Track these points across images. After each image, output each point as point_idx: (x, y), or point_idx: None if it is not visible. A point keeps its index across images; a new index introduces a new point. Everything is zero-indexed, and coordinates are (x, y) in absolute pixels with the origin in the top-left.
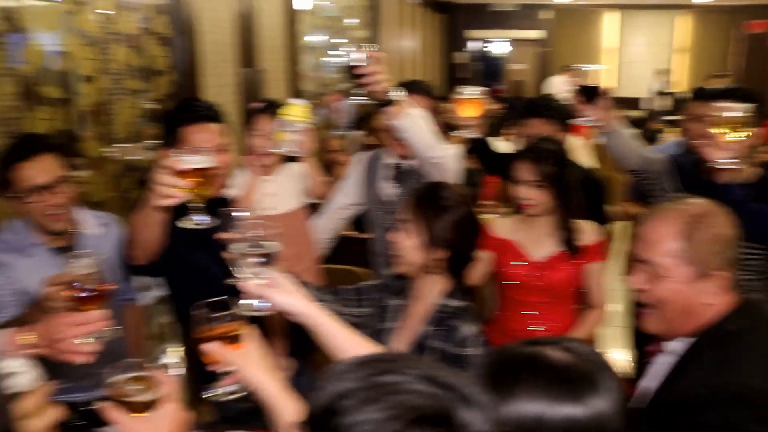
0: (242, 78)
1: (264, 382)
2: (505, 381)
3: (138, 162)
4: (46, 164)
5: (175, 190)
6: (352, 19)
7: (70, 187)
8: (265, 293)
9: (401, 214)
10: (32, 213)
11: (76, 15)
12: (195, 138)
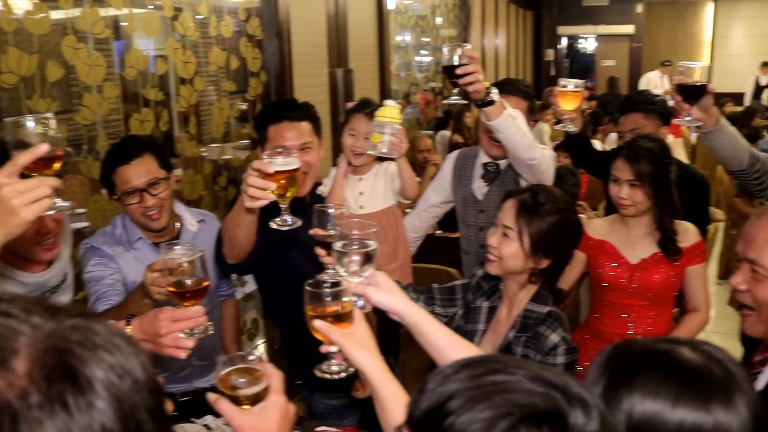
0: (333, 78)
1: (368, 362)
2: (626, 373)
3: (231, 161)
4: (144, 166)
5: (263, 192)
6: (441, 17)
7: (168, 188)
8: (365, 291)
9: (503, 219)
10: (133, 213)
11: (175, 20)
12: (282, 136)
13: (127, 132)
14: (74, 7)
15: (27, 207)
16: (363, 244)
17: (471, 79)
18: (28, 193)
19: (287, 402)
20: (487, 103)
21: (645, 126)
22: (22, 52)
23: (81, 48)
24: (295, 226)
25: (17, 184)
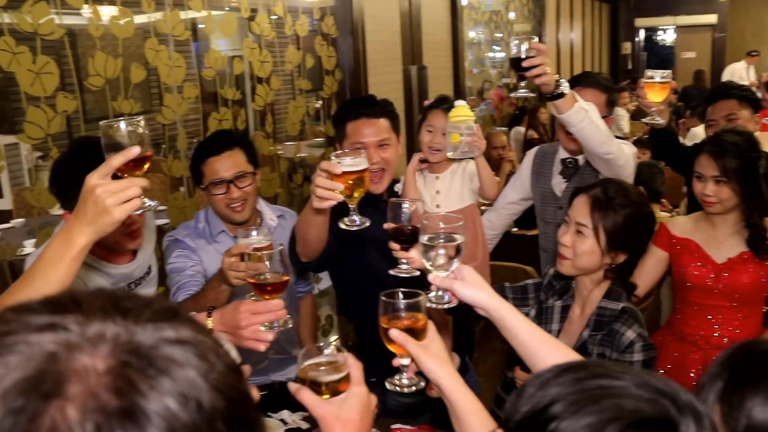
0: (406, 75)
1: (444, 375)
2: (752, 375)
3: (306, 159)
4: (234, 159)
5: (331, 192)
6: (514, 12)
7: (254, 183)
8: (451, 286)
9: (576, 217)
10: (218, 204)
11: (251, 21)
12: (360, 133)
13: (206, 131)
14: (156, 10)
15: (119, 207)
16: (449, 237)
17: (538, 71)
18: (120, 194)
19: (368, 393)
20: (557, 95)
21: (739, 112)
22: (108, 55)
23: (162, 50)
24: (364, 226)
25: (110, 184)
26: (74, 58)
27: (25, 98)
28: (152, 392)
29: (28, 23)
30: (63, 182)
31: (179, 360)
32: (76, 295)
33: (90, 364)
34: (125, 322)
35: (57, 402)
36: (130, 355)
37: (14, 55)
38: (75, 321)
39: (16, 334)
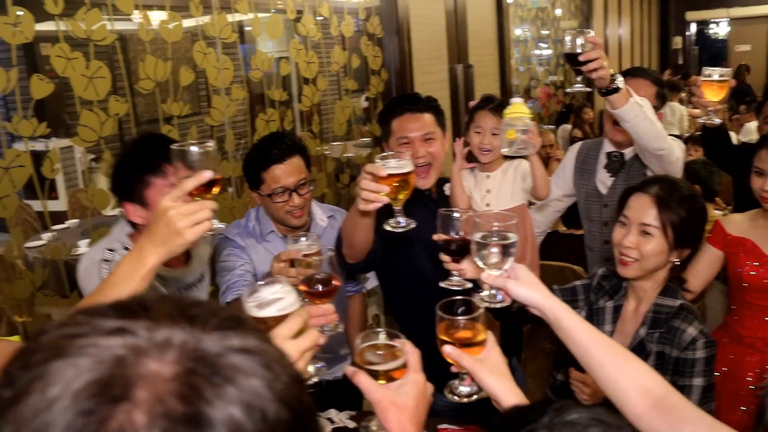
0: (453, 74)
1: (501, 390)
2: None
3: (353, 159)
4: (295, 166)
5: (376, 195)
6: (561, 9)
7: (311, 188)
8: (505, 285)
9: (639, 218)
10: (278, 210)
11: (297, 22)
12: (405, 128)
13: (254, 132)
14: (204, 14)
15: (190, 229)
16: (503, 236)
17: (595, 65)
18: (192, 216)
19: (425, 380)
20: (612, 90)
21: None
22: (157, 59)
23: (210, 53)
24: (409, 228)
25: (182, 207)
26: (125, 63)
27: (79, 102)
28: (217, 400)
29: (82, 30)
30: (122, 177)
31: (245, 369)
32: (144, 301)
33: (157, 370)
34: (192, 329)
35: (125, 406)
36: (196, 362)
37: (69, 60)
38: (143, 326)
39: (86, 337)
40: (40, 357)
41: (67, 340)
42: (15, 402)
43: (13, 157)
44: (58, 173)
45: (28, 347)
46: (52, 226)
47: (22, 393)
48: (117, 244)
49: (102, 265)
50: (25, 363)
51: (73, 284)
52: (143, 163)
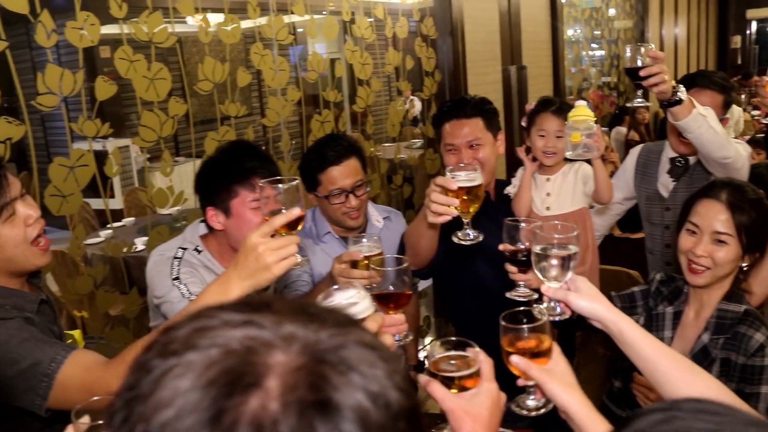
0: (506, 75)
1: (572, 401)
2: None
3: (406, 160)
4: (352, 168)
5: (446, 208)
6: (615, 9)
7: (368, 189)
8: (566, 297)
9: (712, 226)
10: (335, 211)
11: (352, 24)
12: (452, 134)
13: (308, 134)
14: (261, 16)
15: (278, 264)
16: (563, 247)
17: (656, 80)
18: (280, 251)
19: (498, 390)
20: (674, 102)
21: None
22: (216, 60)
23: (267, 54)
24: (477, 241)
25: (271, 242)
26: (184, 64)
27: (140, 103)
28: (345, 387)
29: (144, 32)
30: (208, 182)
31: (367, 359)
32: (267, 299)
33: (285, 360)
34: (312, 325)
35: (258, 393)
36: (320, 354)
37: (131, 63)
38: (269, 321)
39: (217, 330)
40: (174, 348)
41: (199, 332)
42: (151, 391)
43: (78, 156)
44: (119, 172)
45: (162, 339)
46: (108, 224)
47: (157, 382)
48: (189, 245)
49: (173, 262)
50: (160, 353)
51: (132, 281)
52: (232, 172)
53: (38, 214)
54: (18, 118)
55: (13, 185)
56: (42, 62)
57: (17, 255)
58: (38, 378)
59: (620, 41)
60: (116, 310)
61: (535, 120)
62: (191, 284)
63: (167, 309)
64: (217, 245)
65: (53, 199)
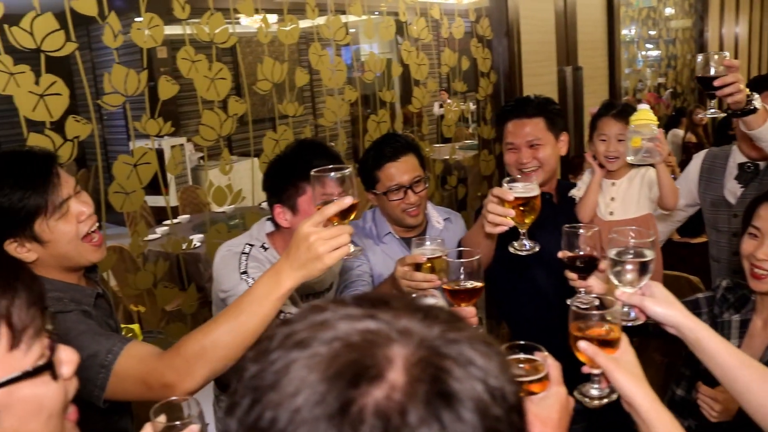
0: (561, 76)
1: (638, 392)
2: None
3: (461, 161)
4: (410, 164)
5: (503, 218)
6: (672, 8)
7: (426, 185)
8: (642, 303)
9: None
10: (394, 209)
11: (409, 24)
12: (513, 133)
13: (364, 133)
14: (319, 16)
15: (330, 254)
16: (639, 253)
17: (731, 90)
18: (331, 241)
19: (567, 394)
20: (748, 111)
21: None
22: (275, 60)
23: (324, 54)
24: (533, 251)
25: (323, 232)
26: (244, 64)
27: (201, 102)
28: (465, 379)
29: (206, 33)
30: (276, 180)
31: (483, 353)
32: (382, 296)
33: (405, 353)
34: (426, 321)
35: (382, 385)
36: (437, 347)
37: (193, 63)
38: (387, 316)
39: (336, 323)
40: (296, 339)
41: (320, 325)
42: (277, 381)
43: (141, 154)
44: (180, 170)
45: (283, 331)
46: (164, 221)
47: (282, 373)
48: (256, 241)
49: (241, 258)
50: (282, 345)
51: (190, 278)
52: (299, 170)
53: (91, 210)
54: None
55: (66, 183)
56: (101, 62)
57: (70, 251)
58: (96, 369)
59: (677, 41)
60: (172, 306)
61: (596, 124)
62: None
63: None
64: (283, 242)
65: (116, 196)
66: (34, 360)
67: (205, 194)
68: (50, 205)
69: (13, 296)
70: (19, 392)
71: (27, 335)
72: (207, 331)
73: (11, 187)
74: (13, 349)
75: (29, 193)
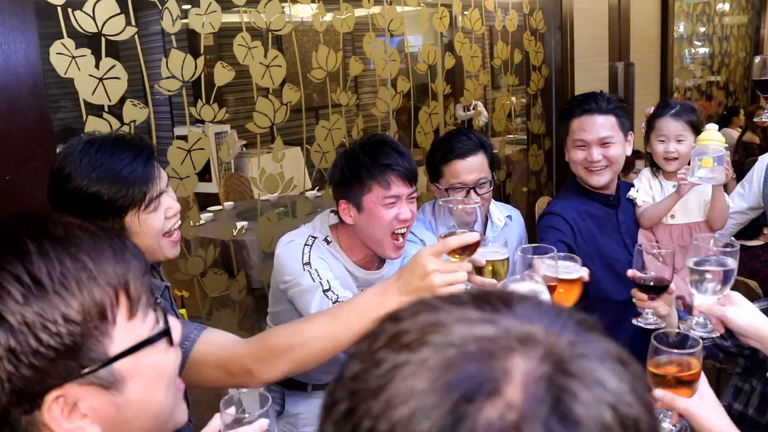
0: (613, 72)
1: (717, 423)
2: None
3: (511, 156)
4: (477, 164)
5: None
6: (728, 3)
7: (491, 188)
8: (723, 313)
9: None
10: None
11: (463, 15)
12: (582, 129)
13: (416, 125)
14: (376, 4)
15: (443, 288)
16: (721, 262)
17: None
18: (449, 276)
19: None
20: None
21: None
22: (330, 49)
23: (379, 44)
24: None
25: (443, 264)
26: (299, 52)
27: (255, 89)
28: (590, 402)
29: (263, 20)
30: (343, 175)
31: (614, 372)
32: (504, 296)
33: (525, 368)
34: (553, 328)
35: (497, 402)
36: (563, 362)
37: (249, 49)
38: (508, 321)
39: (451, 326)
40: (405, 340)
41: (433, 327)
42: (381, 386)
43: (195, 140)
44: (233, 157)
45: (390, 329)
46: (206, 207)
47: (387, 377)
48: (319, 234)
49: (304, 249)
50: (390, 345)
51: (240, 265)
52: (367, 167)
53: (178, 207)
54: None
55: (163, 178)
56: (151, 48)
57: (153, 245)
58: None
59: (732, 38)
60: (219, 292)
61: (654, 124)
62: (322, 270)
63: (295, 293)
64: (347, 238)
65: (171, 181)
66: (150, 328)
67: (250, 181)
68: (147, 199)
69: (127, 266)
70: (143, 360)
71: (142, 304)
72: (298, 330)
73: (113, 177)
74: (132, 318)
75: (130, 186)
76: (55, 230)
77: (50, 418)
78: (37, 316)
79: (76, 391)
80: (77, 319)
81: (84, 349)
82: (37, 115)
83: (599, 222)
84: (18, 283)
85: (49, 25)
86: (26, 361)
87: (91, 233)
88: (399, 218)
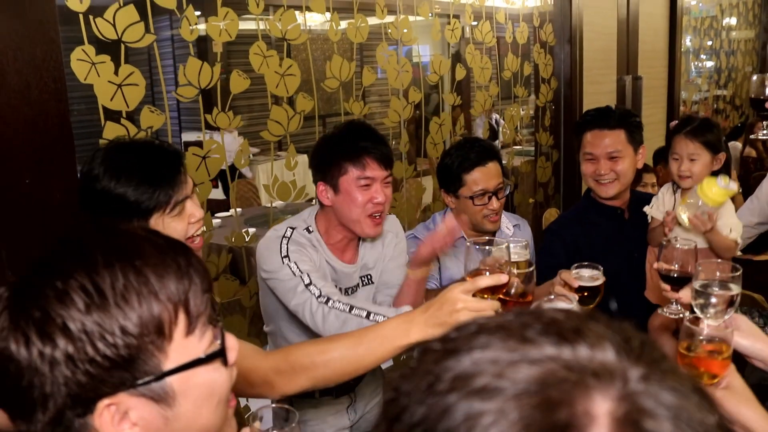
0: (621, 85)
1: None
2: None
3: (519, 167)
4: (495, 171)
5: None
6: (735, 18)
7: (506, 193)
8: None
9: None
10: (474, 213)
11: (474, 27)
12: (591, 143)
13: (426, 135)
14: (388, 15)
15: None
16: (725, 286)
17: None
18: (476, 315)
19: None
20: None
21: None
22: (343, 59)
23: (392, 54)
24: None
25: (472, 302)
26: (313, 61)
27: (270, 97)
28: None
29: (279, 29)
30: (321, 157)
31: (693, 404)
32: (576, 324)
33: (606, 408)
34: (623, 355)
35: None
36: (639, 400)
37: (265, 58)
38: (581, 352)
39: (521, 366)
40: (476, 386)
41: (500, 369)
42: None
43: (210, 146)
44: (247, 164)
45: (455, 370)
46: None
47: (462, 428)
48: (302, 223)
49: (282, 241)
50: (458, 391)
51: (251, 271)
52: (344, 150)
53: (202, 214)
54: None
55: (188, 184)
56: (164, 55)
57: None
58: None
59: (739, 52)
60: (226, 298)
61: (671, 142)
62: (300, 262)
63: (276, 285)
64: (325, 221)
65: None
66: (206, 346)
67: (258, 188)
68: (172, 202)
69: (189, 282)
70: (195, 378)
71: (201, 321)
72: (322, 349)
73: (140, 181)
74: (189, 335)
75: (157, 190)
76: (123, 243)
77: (101, 424)
78: (96, 326)
79: (128, 401)
80: (134, 332)
81: (138, 361)
82: (58, 121)
83: (605, 235)
84: (83, 293)
85: (70, 30)
86: (82, 368)
87: (158, 248)
88: (373, 201)
